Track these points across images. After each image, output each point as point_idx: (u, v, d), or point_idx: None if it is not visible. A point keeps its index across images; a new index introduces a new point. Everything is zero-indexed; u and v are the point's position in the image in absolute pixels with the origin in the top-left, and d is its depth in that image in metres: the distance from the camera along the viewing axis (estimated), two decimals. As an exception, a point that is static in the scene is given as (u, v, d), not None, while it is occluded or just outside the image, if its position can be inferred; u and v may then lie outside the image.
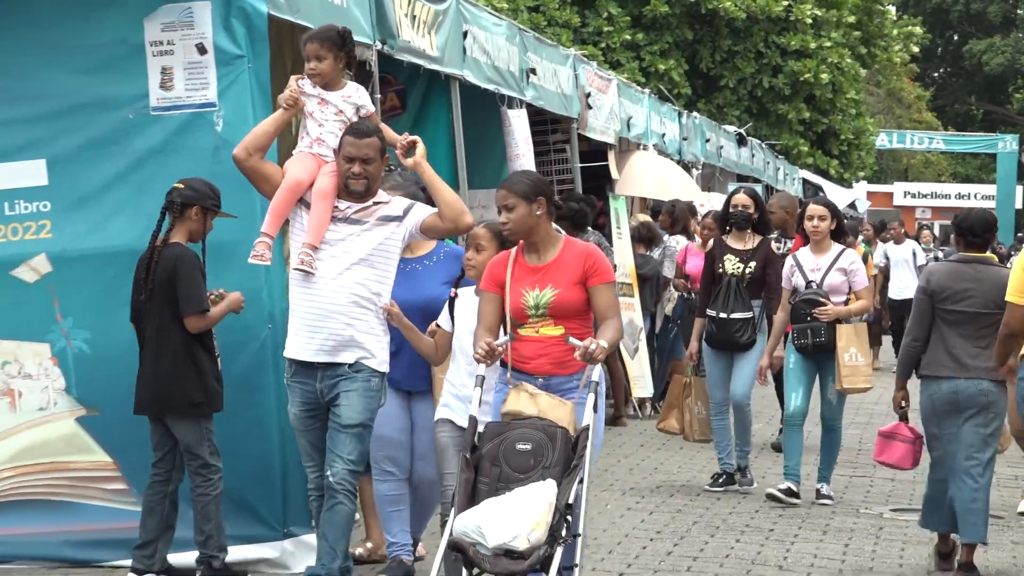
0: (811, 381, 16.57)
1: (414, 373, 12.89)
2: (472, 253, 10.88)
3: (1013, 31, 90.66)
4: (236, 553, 12.89)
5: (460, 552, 8.91)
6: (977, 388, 13.95)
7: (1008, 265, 14.78)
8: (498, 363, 10.08)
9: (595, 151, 24.95)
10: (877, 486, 19.11)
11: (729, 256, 17.39)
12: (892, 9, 63.90)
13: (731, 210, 17.89)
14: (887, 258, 33.38)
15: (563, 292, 9.90)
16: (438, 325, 11.29)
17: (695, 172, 31.56)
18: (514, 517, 8.96)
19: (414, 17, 16.48)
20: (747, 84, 51.82)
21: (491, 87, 19.58)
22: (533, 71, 21.18)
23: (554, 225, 10.82)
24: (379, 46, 15.61)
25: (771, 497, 17.35)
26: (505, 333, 10.17)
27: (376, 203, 10.90)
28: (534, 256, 10.08)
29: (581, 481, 9.52)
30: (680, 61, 49.28)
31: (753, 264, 16.91)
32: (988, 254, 14.62)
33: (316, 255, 10.72)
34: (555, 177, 21.95)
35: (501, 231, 10.65)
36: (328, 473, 10.98)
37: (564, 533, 9.25)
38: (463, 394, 10.65)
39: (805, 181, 52.49)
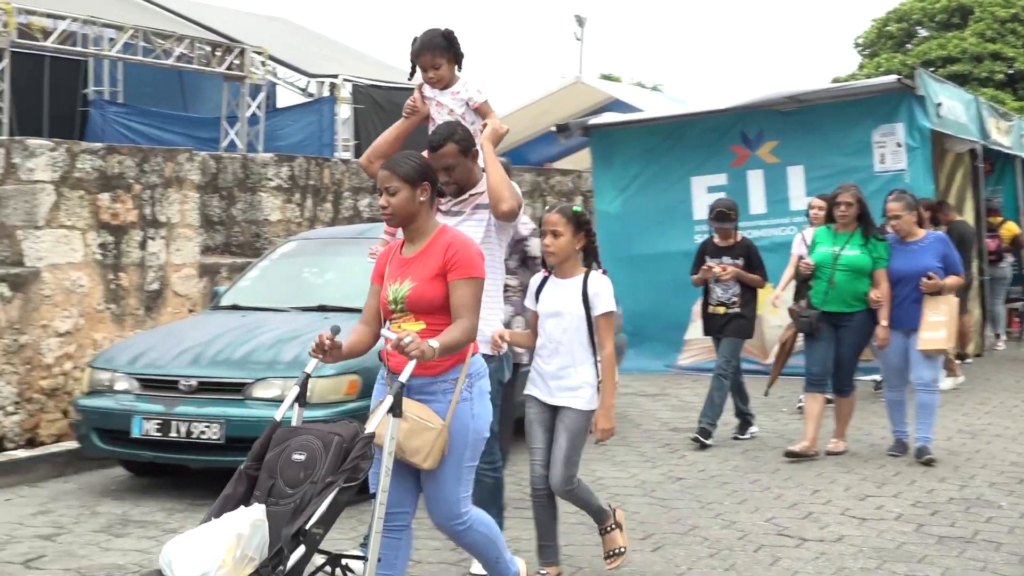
0: None
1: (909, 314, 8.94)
2: (550, 239, 5.75)
3: None
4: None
5: None
6: None
7: None
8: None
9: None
10: None
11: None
12: None
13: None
14: None
15: (419, 286, 4.81)
16: (527, 307, 5.99)
17: None
18: (204, 552, 4.18)
19: (998, 128, 15.66)
20: None
21: (1034, 160, 18.07)
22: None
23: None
24: (983, 142, 14.75)
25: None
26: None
27: (472, 194, 5.72)
28: (409, 246, 4.97)
29: (372, 496, 4.66)
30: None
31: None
32: None
33: None
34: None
35: (575, 215, 5.74)
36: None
37: (289, 566, 4.20)
38: (542, 369, 5.73)
39: None
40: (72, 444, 8.66)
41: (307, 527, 4.26)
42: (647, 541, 6.75)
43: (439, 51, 5.82)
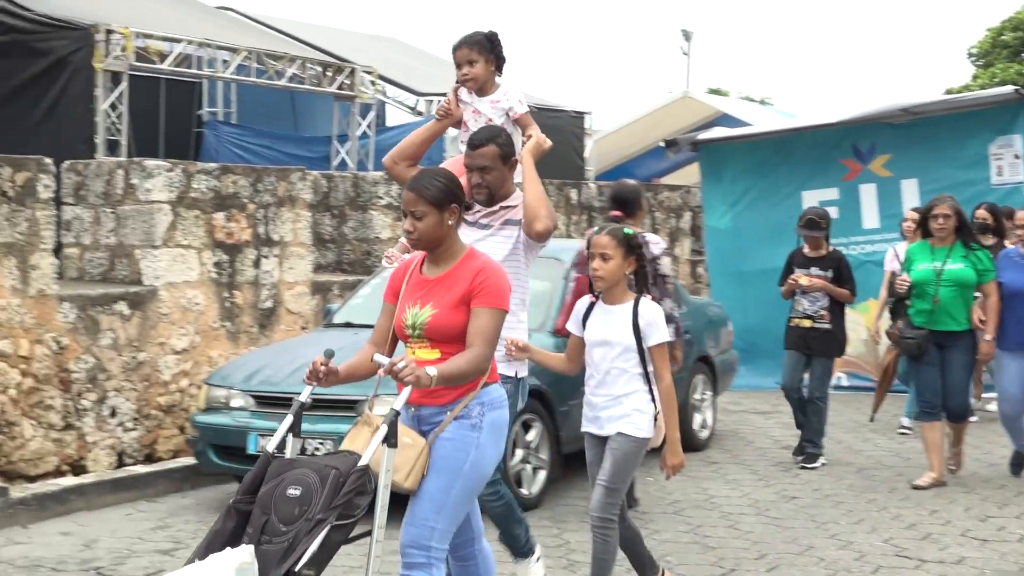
0: None
1: None
2: (599, 263, 5.30)
3: None
4: None
5: None
6: None
7: None
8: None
9: None
10: None
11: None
12: None
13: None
14: None
15: (441, 313, 4.39)
16: (569, 331, 5.56)
17: None
18: None
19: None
20: None
21: None
22: None
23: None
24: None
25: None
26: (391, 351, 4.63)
27: (503, 207, 5.31)
28: (432, 267, 4.55)
29: (370, 533, 4.15)
30: None
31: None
32: None
33: None
34: None
35: (625, 238, 5.32)
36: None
37: None
38: (591, 401, 5.41)
39: None
40: (189, 460, 8.81)
41: (296, 568, 3.90)
42: (762, 561, 6.66)
43: (477, 48, 5.53)
